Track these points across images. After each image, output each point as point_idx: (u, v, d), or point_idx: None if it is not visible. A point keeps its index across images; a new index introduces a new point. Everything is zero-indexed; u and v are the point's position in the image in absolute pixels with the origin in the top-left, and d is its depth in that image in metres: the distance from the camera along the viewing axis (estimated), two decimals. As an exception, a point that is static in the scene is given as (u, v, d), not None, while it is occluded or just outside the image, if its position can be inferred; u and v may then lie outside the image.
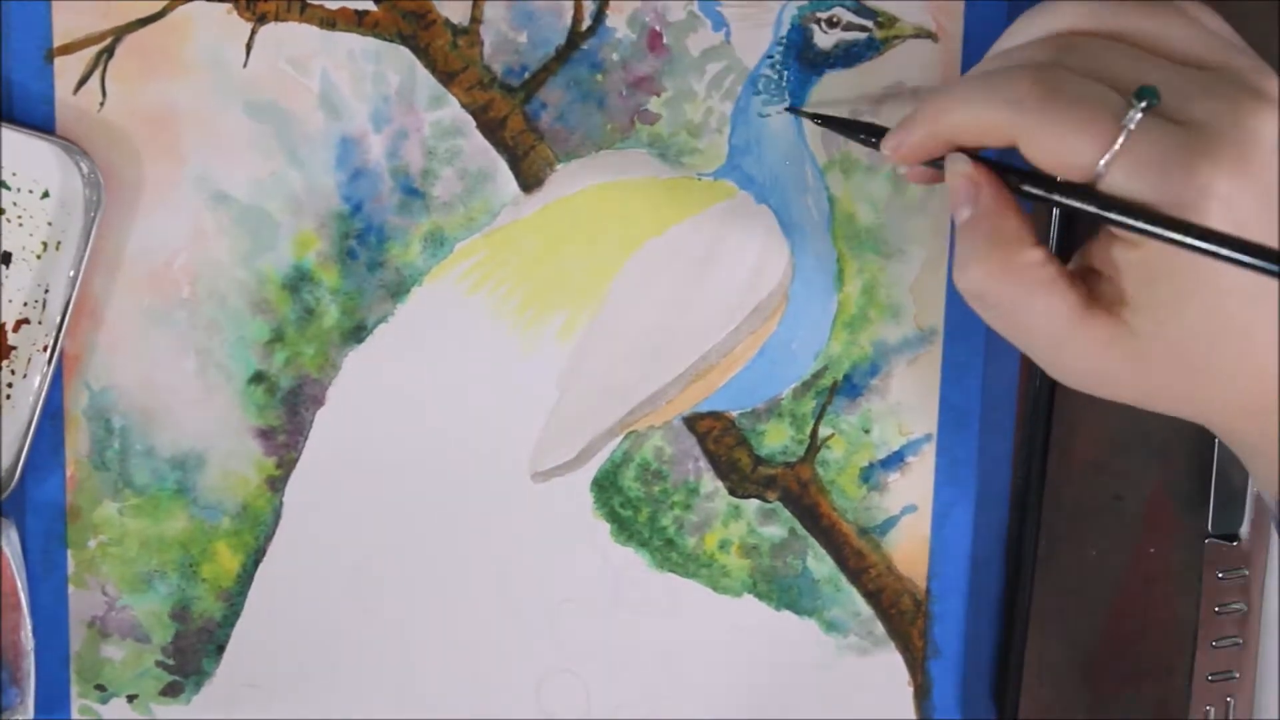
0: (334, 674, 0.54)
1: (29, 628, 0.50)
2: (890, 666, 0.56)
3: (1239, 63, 0.43)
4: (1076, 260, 0.46)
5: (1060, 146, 0.41)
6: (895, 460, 0.55)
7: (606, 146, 0.51)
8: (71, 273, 0.49)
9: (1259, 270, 0.39)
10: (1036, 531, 0.55)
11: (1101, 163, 0.41)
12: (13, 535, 0.51)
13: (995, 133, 0.43)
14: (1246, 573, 0.56)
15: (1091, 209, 0.41)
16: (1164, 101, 0.41)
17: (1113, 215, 0.41)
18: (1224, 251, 0.39)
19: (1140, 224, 0.40)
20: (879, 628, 0.56)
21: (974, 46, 0.52)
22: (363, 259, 0.51)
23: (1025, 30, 0.45)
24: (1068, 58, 0.43)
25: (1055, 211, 0.52)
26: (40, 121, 0.49)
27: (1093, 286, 0.44)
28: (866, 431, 0.54)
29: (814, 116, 0.51)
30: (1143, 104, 0.41)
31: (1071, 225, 0.52)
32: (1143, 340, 0.43)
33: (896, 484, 0.55)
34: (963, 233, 0.45)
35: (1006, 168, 0.44)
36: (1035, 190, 0.43)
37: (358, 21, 0.49)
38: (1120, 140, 0.41)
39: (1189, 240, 0.39)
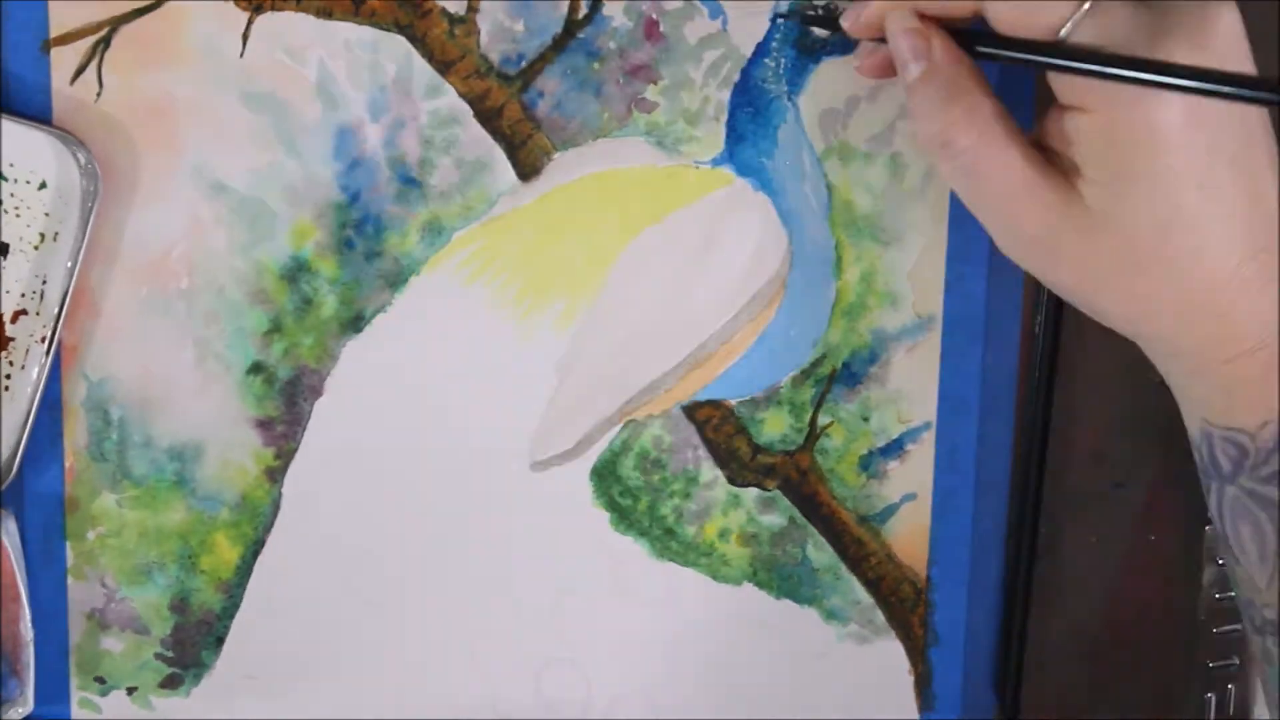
0: (334, 665, 0.54)
1: (28, 619, 0.50)
2: (891, 655, 0.56)
3: None
4: (1031, 136, 0.45)
5: (1025, 11, 0.42)
6: (894, 448, 0.55)
7: (604, 135, 0.51)
8: (69, 263, 0.49)
9: (1243, 99, 0.39)
10: (1036, 519, 0.55)
11: (1064, 29, 0.41)
12: (11, 527, 0.51)
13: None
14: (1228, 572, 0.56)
15: (1055, 62, 0.42)
16: None
17: (1079, 65, 0.41)
18: (1201, 85, 0.39)
19: (1110, 69, 0.41)
20: (879, 616, 0.56)
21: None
22: (360, 249, 0.51)
23: None
24: None
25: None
26: (37, 112, 0.49)
27: (1051, 157, 0.44)
28: (865, 419, 0.54)
29: (792, 15, 0.50)
30: None
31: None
32: (1094, 213, 0.43)
33: (896, 472, 0.55)
34: (917, 89, 0.44)
35: (958, 30, 0.44)
36: (992, 50, 0.43)
37: (354, 10, 0.49)
38: (1085, 6, 0.41)
39: (1164, 79, 0.40)
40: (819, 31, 0.51)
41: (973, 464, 0.55)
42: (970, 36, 0.44)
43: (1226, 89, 0.39)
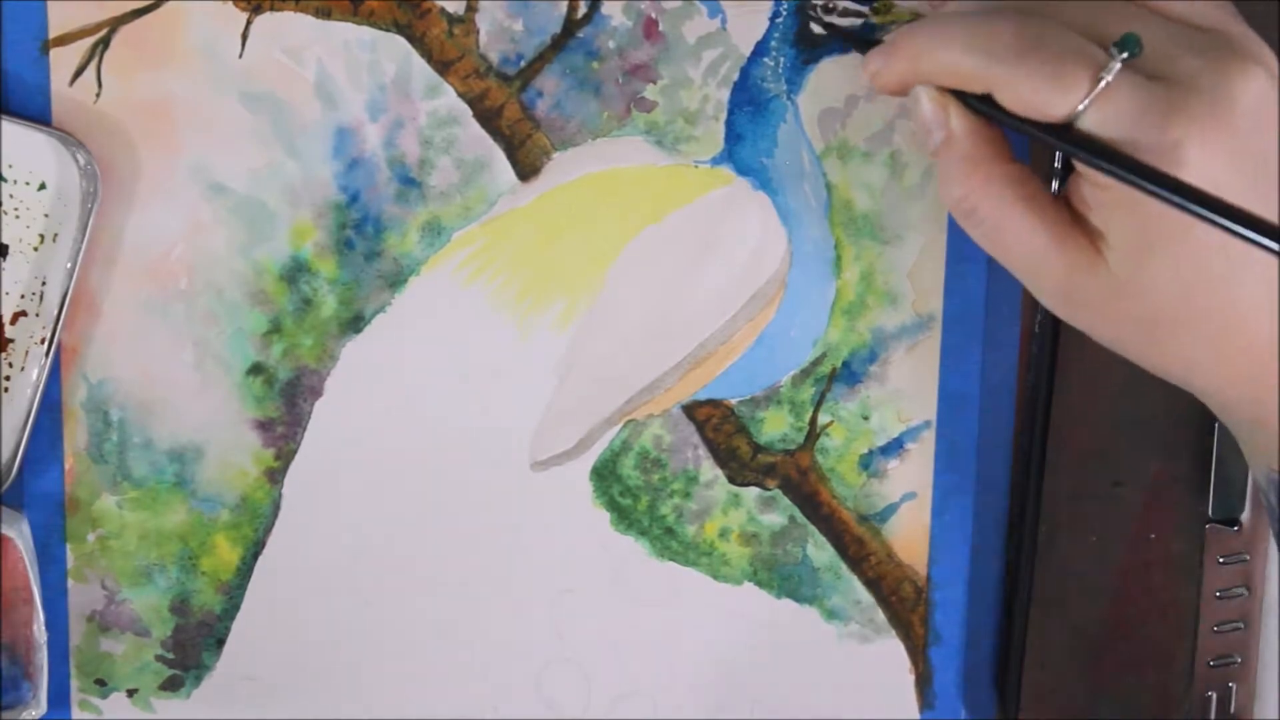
0: (334, 665, 0.54)
1: (41, 621, 0.50)
2: (891, 654, 0.56)
3: (1231, 28, 0.42)
4: (1061, 192, 0.45)
5: (1035, 99, 0.41)
6: (895, 447, 0.55)
7: (603, 134, 0.51)
8: (69, 265, 0.49)
9: (1220, 227, 0.38)
10: (1037, 518, 0.55)
11: (1078, 108, 0.41)
12: (24, 528, 0.51)
13: (972, 81, 0.43)
14: (1247, 558, 0.56)
15: (1058, 144, 0.41)
16: (1147, 55, 0.41)
17: (1079, 152, 0.41)
18: (1183, 202, 0.39)
19: (1103, 164, 0.40)
20: (879, 615, 0.56)
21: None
22: (360, 249, 0.51)
23: None
24: (1054, 5, 0.42)
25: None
26: (36, 113, 0.49)
27: (1076, 217, 0.44)
28: (865, 418, 0.54)
29: (815, 18, 0.50)
30: (1123, 55, 0.41)
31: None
32: (1118, 278, 0.43)
33: (896, 471, 0.55)
34: (941, 155, 0.44)
35: (975, 97, 0.44)
36: (1003, 118, 0.43)
37: (353, 10, 0.49)
38: (1097, 89, 0.41)
39: (1144, 184, 0.39)
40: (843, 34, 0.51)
41: (973, 463, 0.55)
42: (990, 103, 0.43)
43: (1225, 221, 0.39)
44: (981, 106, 0.43)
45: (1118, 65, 0.41)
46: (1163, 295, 0.42)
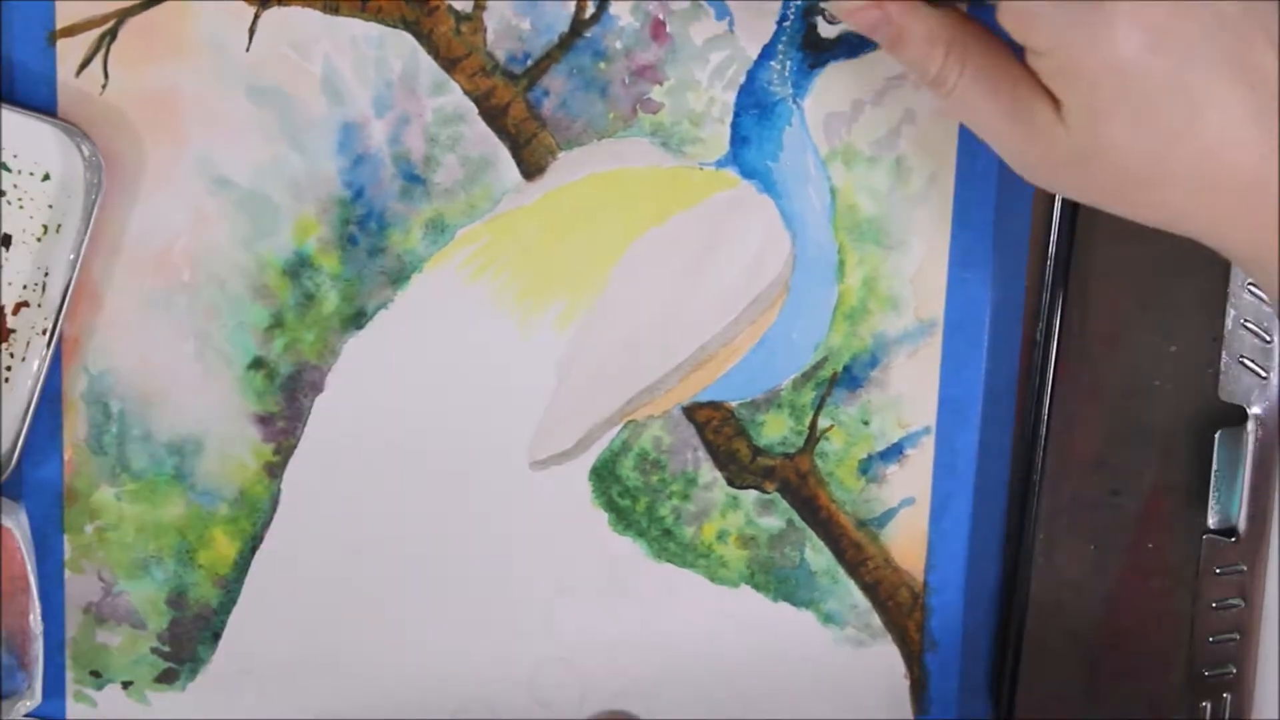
0: (330, 661, 0.54)
1: (38, 612, 0.50)
2: (887, 659, 0.56)
3: None
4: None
5: None
6: (894, 452, 0.55)
7: (608, 135, 0.51)
8: (71, 256, 0.49)
9: None
10: (1035, 526, 0.55)
11: None
12: (22, 518, 0.51)
13: None
14: (1244, 568, 0.56)
15: None
16: None
17: None
18: None
19: None
20: (876, 620, 0.56)
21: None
22: (363, 245, 0.51)
23: None
24: None
25: (1055, 215, 0.52)
26: (42, 104, 0.49)
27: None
28: (866, 423, 0.54)
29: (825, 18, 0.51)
30: None
31: (1074, 225, 0.52)
32: (1080, 142, 0.43)
33: (895, 476, 0.55)
34: (890, 52, 0.45)
35: None
36: None
37: (361, 6, 0.49)
38: None
39: None
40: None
41: (972, 469, 0.55)
42: None
43: None
44: None
45: None
46: (1129, 155, 0.42)
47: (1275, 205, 0.42)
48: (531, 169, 0.51)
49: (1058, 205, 0.53)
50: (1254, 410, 0.54)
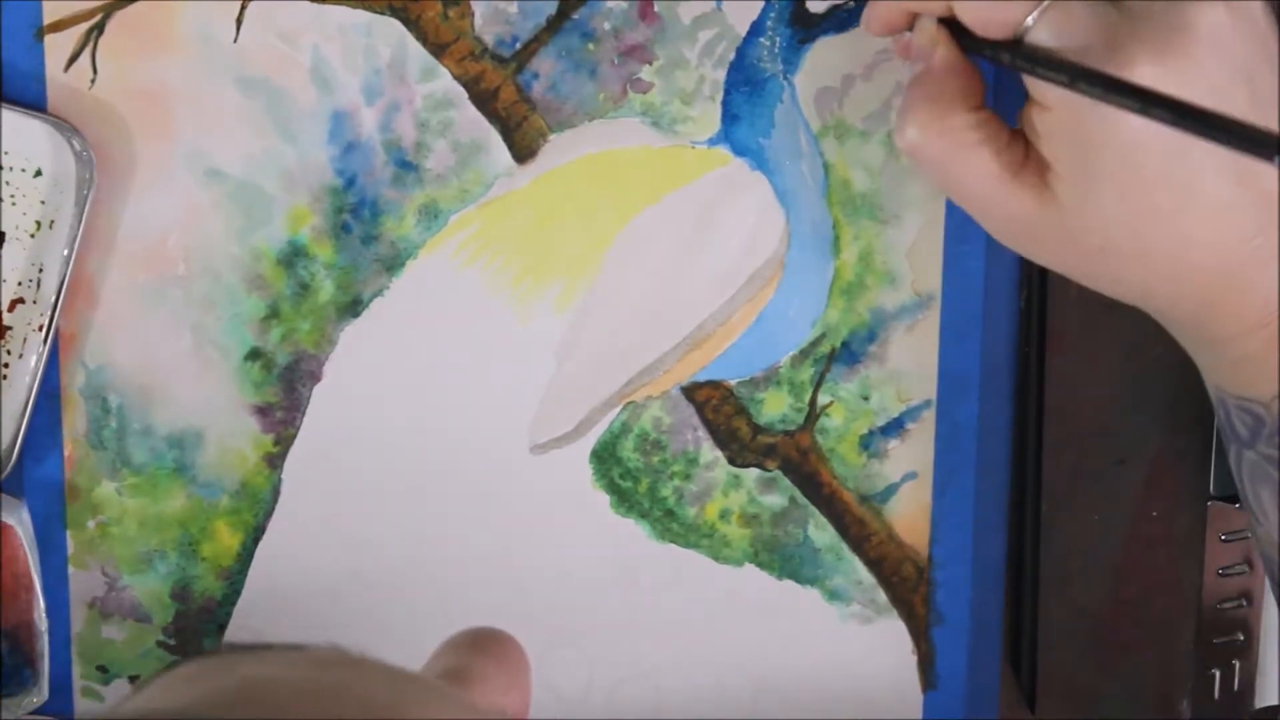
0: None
1: (42, 608, 0.50)
2: (893, 634, 0.56)
3: None
4: (1018, 123, 0.45)
5: (984, 13, 0.42)
6: (895, 427, 0.55)
7: (599, 116, 0.51)
8: (66, 251, 0.49)
9: (1178, 126, 0.38)
10: (1038, 497, 0.55)
11: (1029, 19, 0.41)
12: (24, 515, 0.51)
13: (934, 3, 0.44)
14: (1249, 534, 0.55)
15: (1007, 59, 0.42)
16: None
17: (1025, 65, 0.41)
18: (1138, 105, 0.39)
19: (1047, 71, 0.40)
20: (881, 596, 0.56)
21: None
22: (357, 233, 0.51)
23: None
24: None
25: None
26: (31, 100, 0.49)
27: (1030, 151, 0.44)
28: (865, 399, 0.54)
29: None
30: None
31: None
32: (1067, 210, 0.43)
33: (896, 451, 0.55)
34: (907, 89, 0.45)
35: (955, 27, 0.44)
36: (970, 44, 0.44)
37: (347, -7, 0.49)
38: (1043, 5, 0.41)
39: (1100, 91, 0.39)
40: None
41: (974, 442, 0.55)
42: (962, 31, 0.44)
43: (1177, 118, 0.38)
44: (964, 40, 0.44)
45: None
46: (1112, 226, 0.43)
47: (1214, 300, 0.44)
48: (523, 152, 0.51)
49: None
50: (1255, 375, 0.54)
